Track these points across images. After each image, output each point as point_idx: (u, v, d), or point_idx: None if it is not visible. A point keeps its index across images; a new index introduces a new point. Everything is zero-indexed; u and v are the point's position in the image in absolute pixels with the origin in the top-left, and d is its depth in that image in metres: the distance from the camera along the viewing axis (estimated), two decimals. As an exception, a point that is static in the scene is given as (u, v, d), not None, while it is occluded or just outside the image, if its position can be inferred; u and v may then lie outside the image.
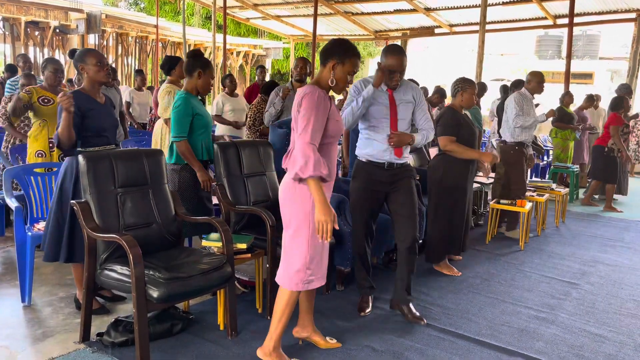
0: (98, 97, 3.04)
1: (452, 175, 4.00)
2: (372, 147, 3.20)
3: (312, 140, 2.31)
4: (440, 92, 7.42)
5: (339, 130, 2.51)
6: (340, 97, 5.72)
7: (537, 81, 5.12)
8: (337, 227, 2.40)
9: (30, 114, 4.14)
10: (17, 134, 4.69)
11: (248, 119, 5.59)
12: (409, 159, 3.36)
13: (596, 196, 7.59)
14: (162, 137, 4.59)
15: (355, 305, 3.38)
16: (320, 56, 2.51)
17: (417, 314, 3.23)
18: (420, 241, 3.87)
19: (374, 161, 3.22)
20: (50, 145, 4.07)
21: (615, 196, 7.37)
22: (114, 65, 14.05)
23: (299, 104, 2.39)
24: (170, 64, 4.55)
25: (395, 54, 3.08)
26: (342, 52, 2.46)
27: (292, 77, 5.07)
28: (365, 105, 3.08)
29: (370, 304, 3.36)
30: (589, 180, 7.57)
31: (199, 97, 3.60)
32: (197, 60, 3.45)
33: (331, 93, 2.58)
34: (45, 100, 4.04)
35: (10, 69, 6.55)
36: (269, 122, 4.89)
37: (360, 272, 3.38)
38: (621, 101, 6.93)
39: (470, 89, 4.00)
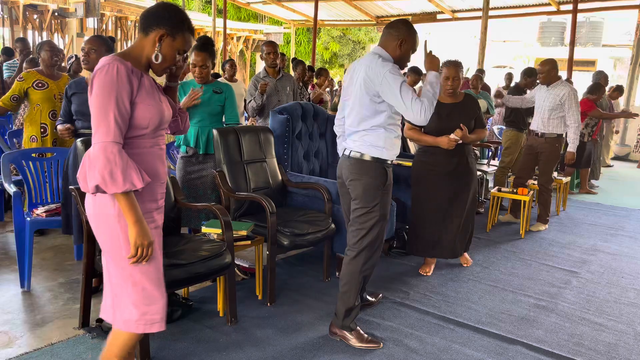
0: None
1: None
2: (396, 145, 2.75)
3: (114, 138, 1.72)
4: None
5: (155, 118, 1.84)
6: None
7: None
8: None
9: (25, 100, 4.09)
10: None
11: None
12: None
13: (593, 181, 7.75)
14: None
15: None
16: (142, 21, 1.85)
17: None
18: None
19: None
20: (42, 130, 4.02)
21: (593, 181, 7.75)
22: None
23: (90, 87, 1.77)
24: None
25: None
26: (176, 22, 1.84)
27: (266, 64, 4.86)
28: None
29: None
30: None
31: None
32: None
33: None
34: (40, 85, 3.97)
35: (7, 52, 6.49)
36: (253, 114, 4.89)
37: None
38: (598, 88, 6.93)
39: None
